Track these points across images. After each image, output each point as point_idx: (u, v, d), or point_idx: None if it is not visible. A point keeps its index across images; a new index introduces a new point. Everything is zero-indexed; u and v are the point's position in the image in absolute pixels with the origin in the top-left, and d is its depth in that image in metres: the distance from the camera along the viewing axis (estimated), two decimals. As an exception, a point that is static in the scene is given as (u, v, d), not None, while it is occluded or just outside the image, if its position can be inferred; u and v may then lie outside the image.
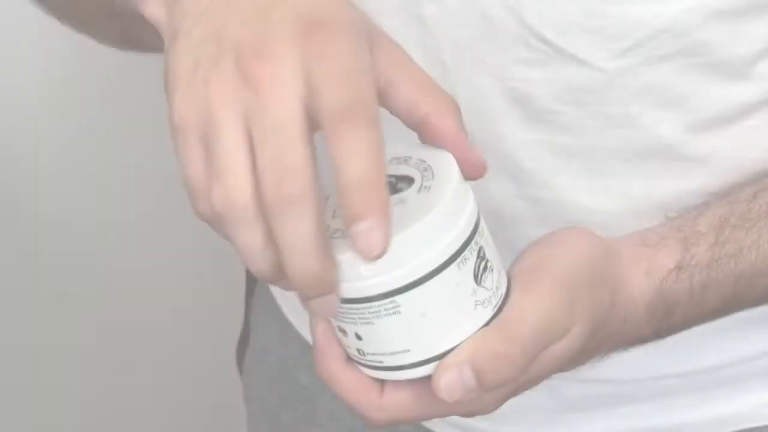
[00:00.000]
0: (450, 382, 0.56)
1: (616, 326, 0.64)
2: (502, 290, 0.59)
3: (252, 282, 0.97)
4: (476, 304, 0.57)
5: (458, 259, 0.56)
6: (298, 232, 0.51)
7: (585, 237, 0.63)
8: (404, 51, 0.56)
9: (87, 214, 1.50)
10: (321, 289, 0.52)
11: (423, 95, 0.56)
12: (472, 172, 0.57)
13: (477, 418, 0.79)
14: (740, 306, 0.70)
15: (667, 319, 0.66)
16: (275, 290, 0.91)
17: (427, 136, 0.56)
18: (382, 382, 0.60)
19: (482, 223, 0.58)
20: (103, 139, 1.46)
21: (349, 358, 0.60)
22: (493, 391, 0.59)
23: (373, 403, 0.59)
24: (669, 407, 0.80)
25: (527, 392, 0.73)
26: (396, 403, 0.59)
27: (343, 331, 0.58)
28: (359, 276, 0.55)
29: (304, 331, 0.88)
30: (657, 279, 0.65)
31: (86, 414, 1.60)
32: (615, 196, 0.70)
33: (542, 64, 0.67)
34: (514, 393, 0.62)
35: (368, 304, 0.56)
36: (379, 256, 0.51)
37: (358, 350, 0.58)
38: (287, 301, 0.90)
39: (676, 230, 0.66)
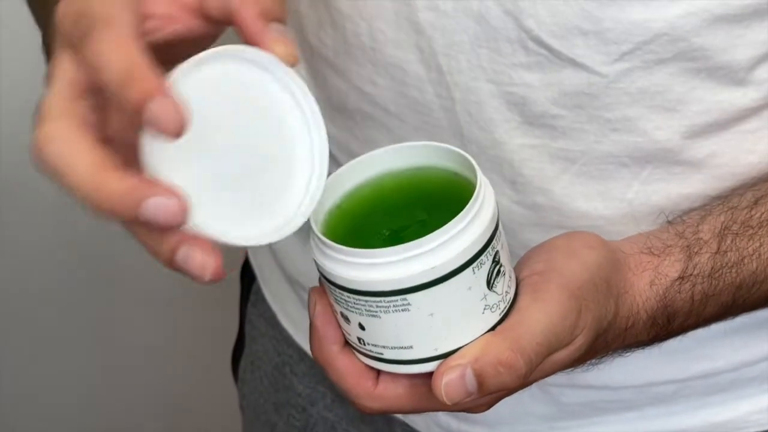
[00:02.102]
0: (450, 383, 0.56)
1: (616, 335, 0.64)
2: (511, 294, 0.59)
3: (246, 289, 0.97)
4: (485, 308, 0.57)
5: (474, 264, 0.56)
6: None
7: (594, 244, 0.63)
8: None
9: (84, 223, 1.49)
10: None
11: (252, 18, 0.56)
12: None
13: (475, 423, 0.79)
14: (737, 312, 0.70)
15: (666, 327, 0.66)
16: (271, 298, 0.91)
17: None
18: (377, 371, 0.60)
19: (500, 227, 0.58)
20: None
21: (346, 343, 0.60)
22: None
23: (367, 392, 0.59)
24: (667, 413, 0.79)
25: (526, 398, 0.73)
26: (390, 395, 0.60)
27: (346, 318, 0.58)
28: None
29: (300, 339, 0.88)
30: (660, 289, 0.65)
31: (84, 418, 1.60)
32: (612, 201, 0.70)
33: (540, 68, 0.66)
34: (508, 394, 0.62)
35: (378, 299, 0.56)
36: (180, 130, 0.50)
37: (359, 339, 0.58)
38: (283, 309, 0.89)
39: (678, 237, 0.66)
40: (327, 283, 0.58)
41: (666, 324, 0.66)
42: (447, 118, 0.69)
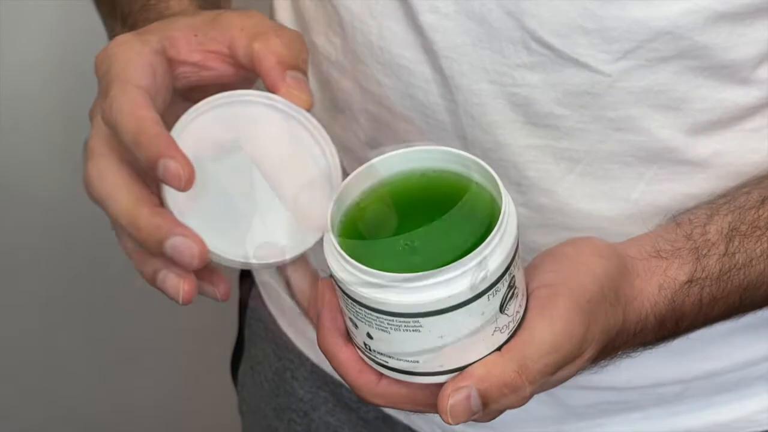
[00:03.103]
0: (456, 405, 0.57)
1: (624, 340, 0.64)
2: (521, 313, 0.58)
3: (245, 293, 0.96)
4: (495, 330, 0.57)
5: (491, 291, 0.56)
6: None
7: (603, 252, 0.62)
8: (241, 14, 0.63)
9: (84, 225, 1.49)
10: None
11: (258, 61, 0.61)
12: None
13: (481, 427, 0.79)
14: (744, 312, 0.69)
15: (674, 330, 0.66)
16: (270, 302, 0.90)
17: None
18: None
19: (519, 249, 0.58)
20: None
21: (348, 337, 0.60)
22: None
23: (369, 386, 0.60)
24: (672, 413, 0.79)
25: (531, 402, 0.73)
26: (392, 393, 0.60)
27: (355, 325, 0.58)
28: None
29: (300, 344, 0.88)
30: (669, 294, 0.64)
31: (84, 421, 1.59)
32: (617, 202, 0.70)
33: (542, 68, 0.66)
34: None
35: (391, 318, 0.56)
36: (188, 181, 0.56)
37: (365, 345, 0.58)
38: (283, 314, 0.89)
39: (686, 239, 0.65)
40: (339, 291, 0.58)
41: (674, 327, 0.66)
42: (451, 120, 0.69)
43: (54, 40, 1.36)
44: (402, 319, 0.55)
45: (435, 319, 0.55)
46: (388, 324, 0.56)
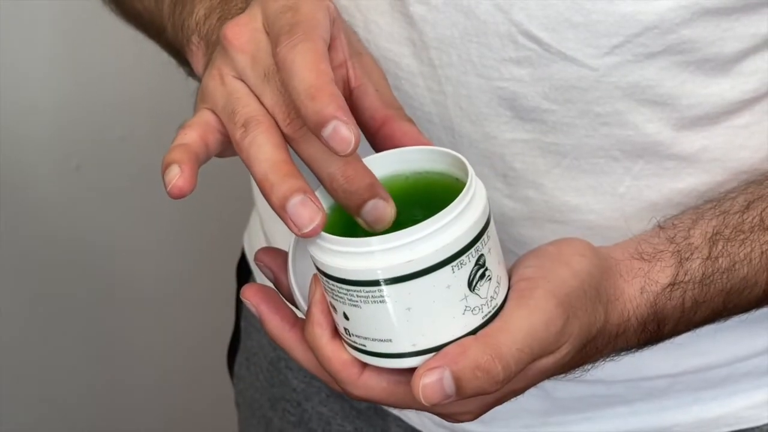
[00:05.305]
0: (429, 385, 0.57)
1: (606, 341, 0.64)
2: (499, 300, 0.59)
3: (242, 285, 0.96)
4: (466, 310, 0.57)
5: (453, 263, 0.56)
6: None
7: (585, 252, 0.62)
8: (379, 67, 0.64)
9: (82, 222, 1.50)
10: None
11: (387, 106, 0.62)
12: None
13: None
14: (727, 316, 0.69)
15: (656, 333, 0.66)
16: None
17: (386, 132, 0.61)
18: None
19: (491, 231, 0.58)
20: (98, 146, 1.46)
21: (337, 335, 0.60)
22: (472, 399, 0.59)
23: (351, 378, 0.60)
24: (660, 408, 0.79)
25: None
26: (374, 386, 0.60)
27: (334, 308, 0.59)
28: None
29: (295, 334, 0.88)
30: (651, 296, 0.64)
31: (80, 414, 1.60)
32: (604, 196, 0.70)
33: (530, 63, 0.66)
34: (497, 402, 0.62)
35: (357, 288, 0.56)
36: (354, 148, 0.54)
37: (345, 329, 0.59)
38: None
39: (669, 242, 0.66)
40: (316, 269, 0.59)
41: (656, 330, 0.66)
42: (438, 112, 0.70)
43: (54, 40, 1.37)
44: (367, 289, 0.56)
45: (398, 288, 0.55)
46: (357, 296, 0.56)
